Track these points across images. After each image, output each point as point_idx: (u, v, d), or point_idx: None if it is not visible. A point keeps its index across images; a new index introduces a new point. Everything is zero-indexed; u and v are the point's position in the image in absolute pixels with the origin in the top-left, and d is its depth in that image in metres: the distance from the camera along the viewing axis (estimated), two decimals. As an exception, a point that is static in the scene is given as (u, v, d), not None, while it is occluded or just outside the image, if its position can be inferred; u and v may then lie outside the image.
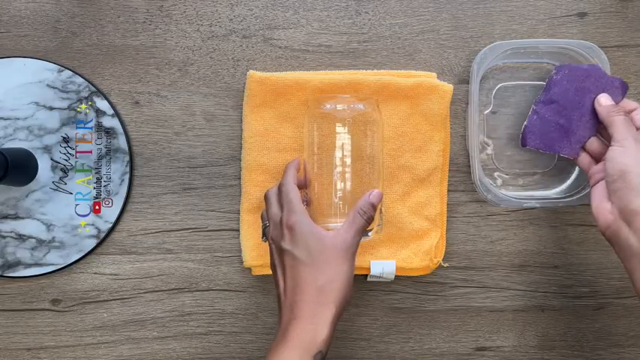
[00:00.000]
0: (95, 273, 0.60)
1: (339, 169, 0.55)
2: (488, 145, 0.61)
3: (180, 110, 0.60)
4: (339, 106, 0.56)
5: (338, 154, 0.55)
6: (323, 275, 0.51)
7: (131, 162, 0.60)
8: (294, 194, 0.53)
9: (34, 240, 0.59)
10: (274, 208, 0.54)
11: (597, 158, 0.57)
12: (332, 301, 0.50)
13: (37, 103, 0.58)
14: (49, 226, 0.59)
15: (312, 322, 0.49)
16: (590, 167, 0.57)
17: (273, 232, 0.53)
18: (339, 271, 0.51)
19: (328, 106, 0.56)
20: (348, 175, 0.54)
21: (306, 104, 0.58)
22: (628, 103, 0.57)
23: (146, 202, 0.60)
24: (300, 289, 0.50)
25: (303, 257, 0.51)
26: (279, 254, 0.53)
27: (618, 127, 0.54)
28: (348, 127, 0.55)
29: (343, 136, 0.55)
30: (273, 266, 0.54)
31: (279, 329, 0.50)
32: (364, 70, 0.60)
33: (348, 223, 0.52)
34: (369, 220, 0.52)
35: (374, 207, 0.53)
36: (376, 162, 0.56)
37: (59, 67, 0.59)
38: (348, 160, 0.55)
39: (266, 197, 0.55)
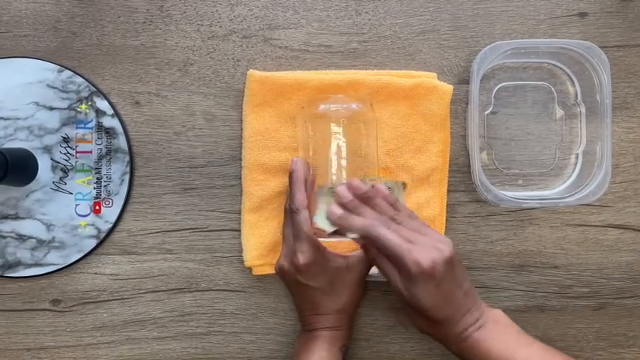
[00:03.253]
0: (95, 273, 0.60)
1: (334, 168, 0.55)
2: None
3: (180, 110, 0.60)
4: (334, 106, 0.56)
5: (333, 154, 0.55)
6: (341, 300, 0.56)
7: (131, 162, 0.59)
8: (306, 227, 0.54)
9: (34, 240, 0.59)
10: (288, 229, 0.56)
11: None
12: (349, 314, 0.58)
13: (37, 103, 0.58)
14: (49, 226, 0.59)
15: (335, 329, 0.56)
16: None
17: (286, 259, 0.55)
18: (356, 293, 0.57)
19: (322, 106, 0.56)
20: (344, 175, 0.54)
21: (305, 104, 0.59)
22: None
23: (146, 202, 0.60)
24: (320, 311, 0.56)
25: (320, 287, 0.55)
26: (294, 282, 0.56)
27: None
28: (343, 127, 0.55)
29: (338, 136, 0.55)
30: (287, 283, 0.57)
31: (303, 329, 0.58)
32: (364, 71, 0.60)
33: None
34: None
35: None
36: (371, 161, 0.56)
37: (59, 67, 0.59)
38: (344, 161, 0.55)
39: (284, 212, 0.57)
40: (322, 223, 0.52)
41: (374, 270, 0.58)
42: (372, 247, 0.50)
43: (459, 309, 0.50)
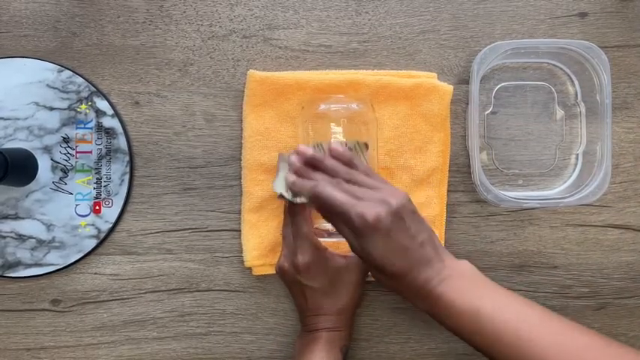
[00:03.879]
0: (95, 273, 0.60)
1: None
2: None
3: (180, 110, 0.60)
4: (334, 106, 0.56)
5: None
6: (341, 300, 0.56)
7: (131, 162, 0.59)
8: (307, 227, 0.54)
9: (34, 240, 0.59)
10: (288, 229, 0.56)
11: None
12: (349, 315, 0.58)
13: (37, 103, 0.58)
14: (49, 227, 0.59)
15: (335, 330, 0.56)
16: None
17: (286, 260, 0.56)
18: (356, 293, 0.57)
19: (323, 106, 0.56)
20: None
21: (305, 104, 0.58)
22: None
23: (146, 203, 0.60)
24: (320, 311, 0.56)
25: (320, 287, 0.55)
26: (294, 282, 0.56)
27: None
28: (343, 127, 0.55)
29: (338, 137, 0.55)
30: (287, 283, 0.57)
31: (303, 330, 0.57)
32: (364, 71, 0.60)
33: None
34: None
35: None
36: (371, 161, 0.56)
37: (59, 67, 0.59)
38: None
39: (284, 212, 0.57)
40: (280, 188, 0.54)
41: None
42: (323, 209, 0.49)
43: (415, 261, 0.48)
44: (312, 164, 0.52)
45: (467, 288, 0.48)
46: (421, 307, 0.50)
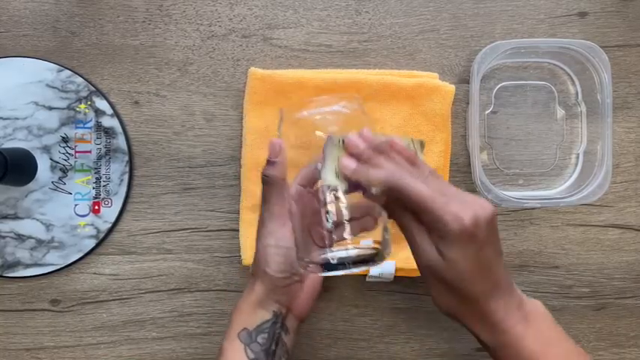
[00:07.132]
0: (95, 273, 0.60)
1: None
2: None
3: (179, 110, 0.60)
4: (319, 111, 0.48)
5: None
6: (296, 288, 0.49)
7: (130, 162, 0.59)
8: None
9: (33, 240, 0.59)
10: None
11: None
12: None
13: (36, 103, 0.58)
14: (48, 226, 0.59)
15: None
16: None
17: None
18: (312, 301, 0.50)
19: (305, 113, 0.47)
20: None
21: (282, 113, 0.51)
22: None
23: (146, 202, 0.60)
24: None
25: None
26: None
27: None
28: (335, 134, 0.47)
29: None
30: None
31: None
32: (366, 70, 0.60)
33: None
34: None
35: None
36: None
37: (58, 66, 0.59)
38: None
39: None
40: (331, 178, 0.43)
41: (374, 270, 0.58)
42: (395, 205, 0.40)
43: (497, 284, 0.40)
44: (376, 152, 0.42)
45: (552, 337, 0.42)
46: (487, 342, 0.42)
